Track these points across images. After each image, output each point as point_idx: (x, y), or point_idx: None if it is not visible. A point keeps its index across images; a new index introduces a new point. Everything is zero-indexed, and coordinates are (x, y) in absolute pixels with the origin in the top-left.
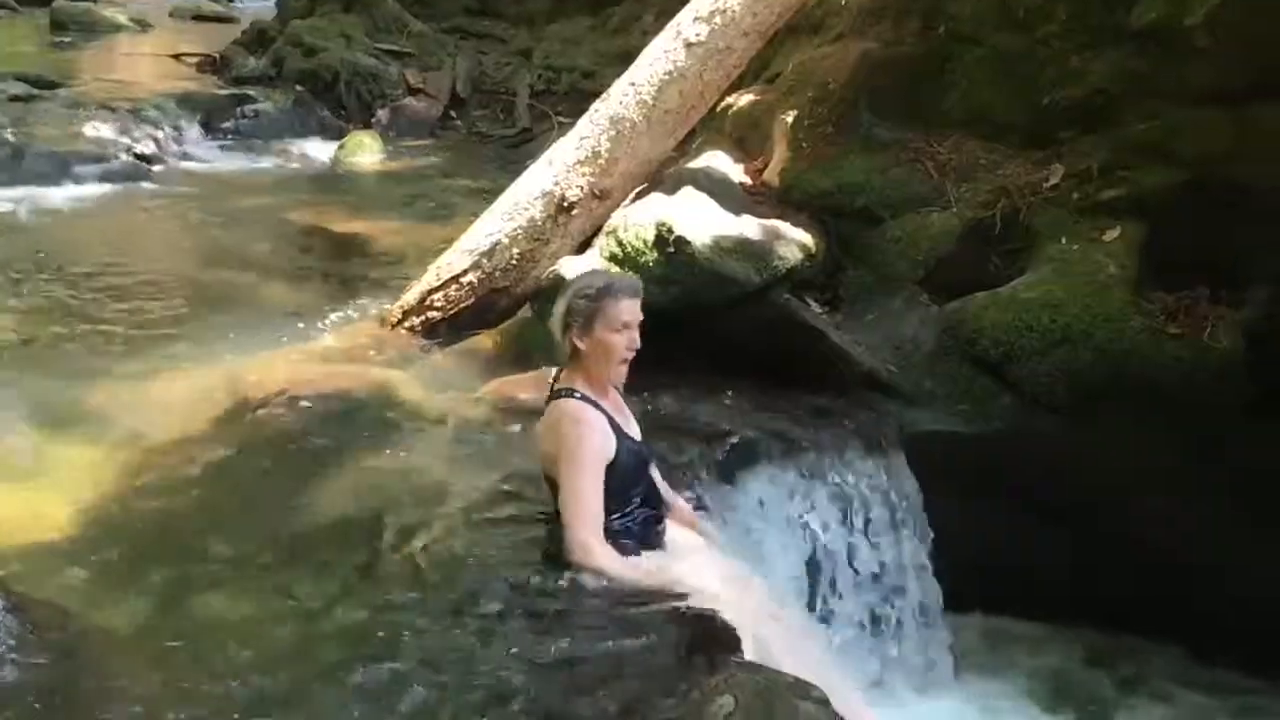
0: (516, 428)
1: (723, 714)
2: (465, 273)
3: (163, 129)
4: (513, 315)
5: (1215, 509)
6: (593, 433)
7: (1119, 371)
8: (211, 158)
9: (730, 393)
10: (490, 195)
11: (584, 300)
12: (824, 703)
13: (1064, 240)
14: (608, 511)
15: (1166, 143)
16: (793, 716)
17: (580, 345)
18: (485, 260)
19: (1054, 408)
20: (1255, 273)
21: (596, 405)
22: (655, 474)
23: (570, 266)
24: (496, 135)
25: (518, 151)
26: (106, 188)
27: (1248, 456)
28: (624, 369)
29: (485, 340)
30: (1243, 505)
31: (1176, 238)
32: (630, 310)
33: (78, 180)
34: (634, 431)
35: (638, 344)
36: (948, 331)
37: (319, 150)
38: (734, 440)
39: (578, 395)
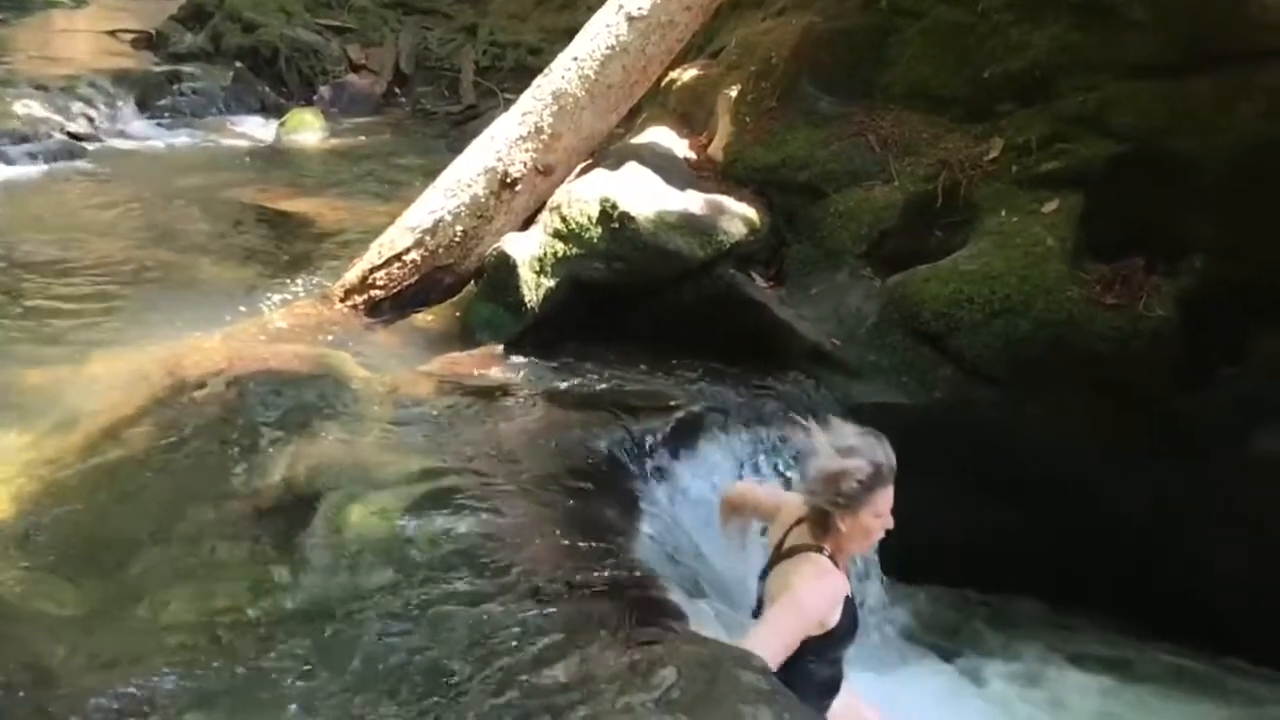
0: (461, 405)
1: (665, 685)
2: (408, 250)
3: (97, 107)
4: (457, 293)
5: (1152, 476)
6: (824, 600)
7: (1056, 341)
8: (148, 136)
9: (676, 367)
10: (435, 173)
11: (857, 485)
12: (765, 672)
13: (1003, 213)
14: (815, 664)
15: (1103, 115)
16: (734, 687)
17: (841, 526)
18: (428, 238)
19: (993, 378)
20: (1189, 243)
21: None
22: None
23: (514, 243)
24: (441, 112)
25: (463, 129)
26: (38, 167)
27: (1182, 423)
28: None
29: (429, 318)
30: (1178, 471)
31: (1113, 209)
32: (891, 497)
33: (8, 160)
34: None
35: (890, 525)
36: (890, 304)
37: (259, 128)
38: (680, 414)
39: (827, 553)
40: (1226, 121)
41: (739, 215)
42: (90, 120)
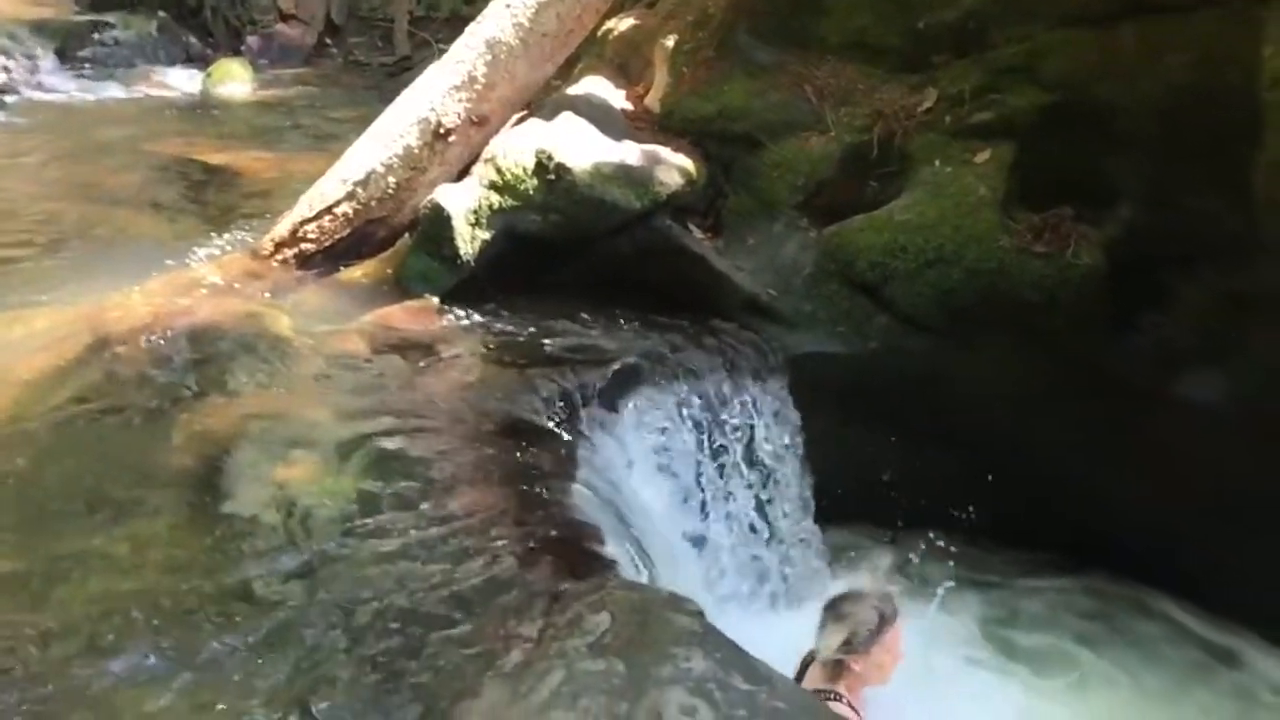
0: (395, 359)
1: (598, 631)
2: (339, 203)
3: (14, 58)
4: (391, 246)
5: (1080, 422)
6: None
7: (988, 290)
8: (68, 88)
9: (613, 319)
10: (367, 125)
11: (867, 634)
12: (698, 615)
13: (937, 163)
14: None
15: (1034, 65)
16: (666, 630)
17: (856, 668)
18: (360, 190)
19: (927, 327)
20: (1116, 192)
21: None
22: None
23: (448, 195)
24: (374, 64)
25: (396, 80)
26: None
27: (1109, 371)
28: None
29: (362, 272)
30: (1105, 417)
31: (1043, 159)
32: (899, 635)
33: None
34: None
35: (902, 660)
36: (826, 255)
37: (184, 80)
38: (617, 366)
39: (844, 700)
40: (1154, 71)
41: (676, 166)
42: (7, 72)
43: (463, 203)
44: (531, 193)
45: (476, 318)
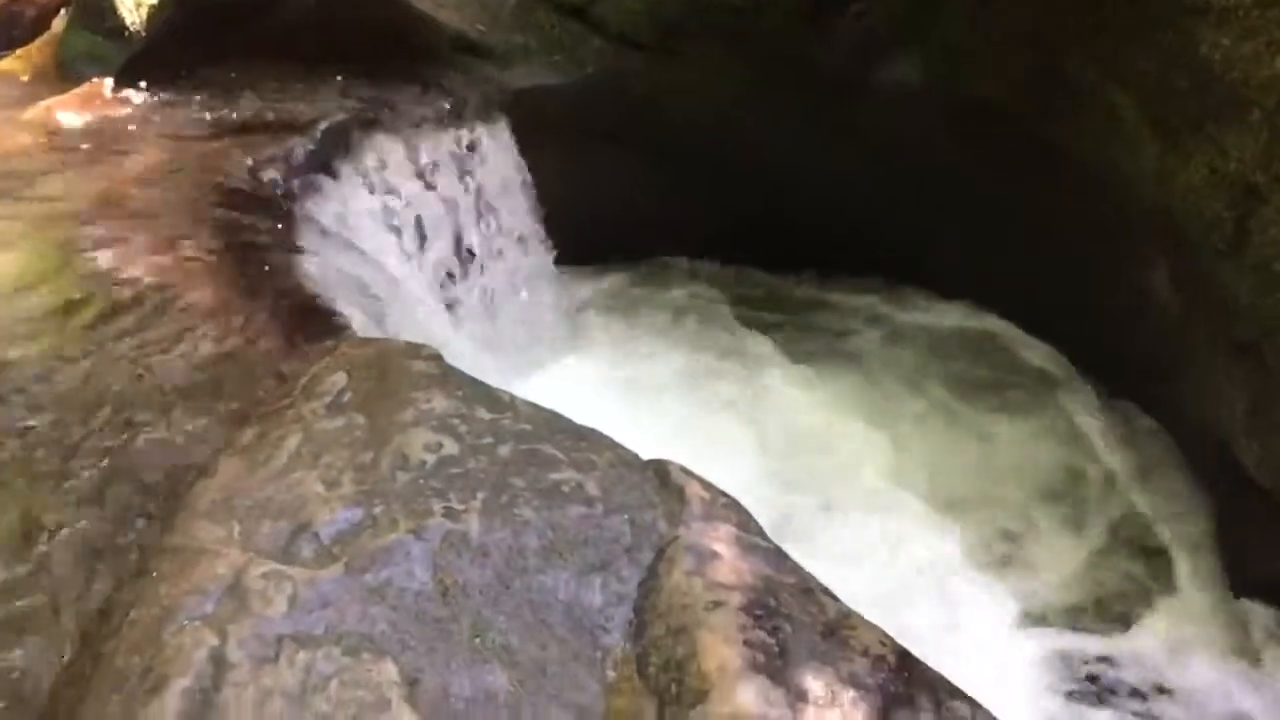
0: (74, 151)
1: (335, 389)
2: None
3: None
4: (47, 27)
5: (794, 121)
6: None
7: (694, 2)
8: None
9: (311, 78)
10: None
11: None
12: (435, 358)
13: None
14: None
15: None
16: (405, 377)
17: None
18: None
19: (640, 45)
20: None
21: None
22: None
23: None
24: None
25: None
26: None
27: (817, 66)
28: None
29: (19, 60)
30: (815, 111)
31: None
32: None
33: None
34: None
35: None
36: None
37: None
38: (324, 126)
39: None
40: None
41: None
42: None
43: None
44: None
45: (158, 95)
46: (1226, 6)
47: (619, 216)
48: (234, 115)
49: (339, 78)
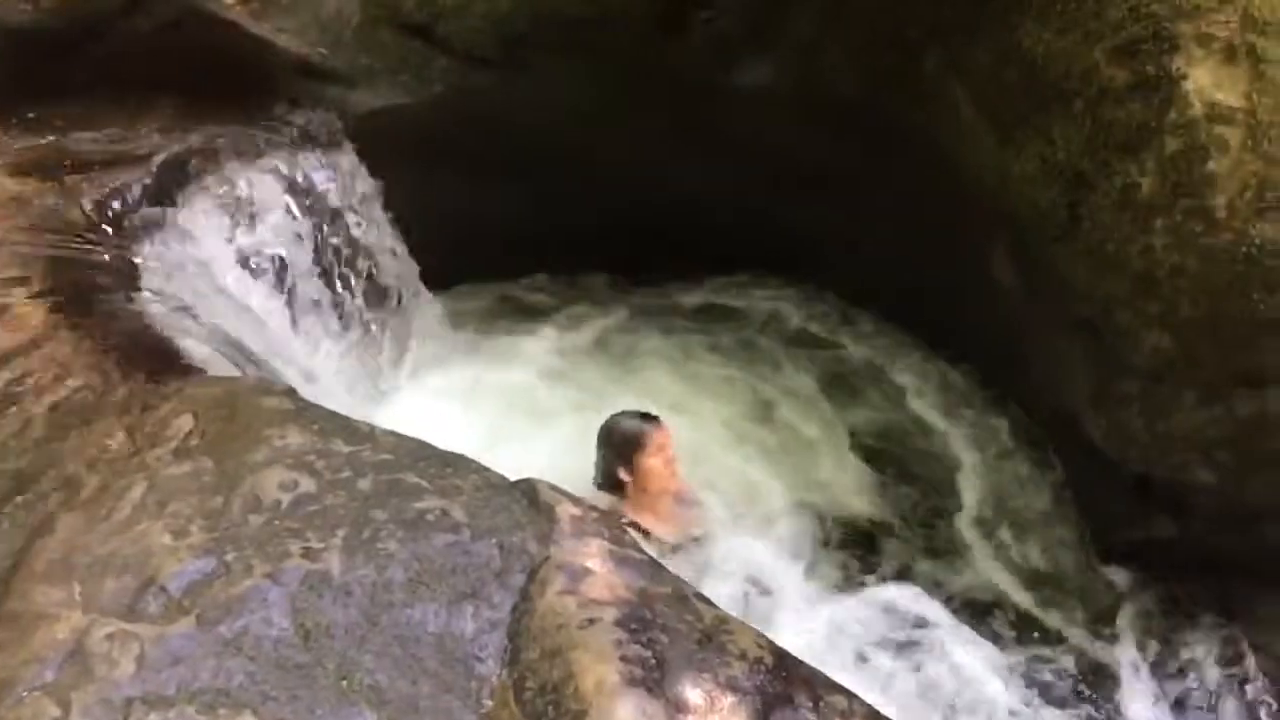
0: None
1: (182, 434)
2: None
3: None
4: None
5: (652, 129)
6: None
7: (539, 13)
8: None
9: (145, 110)
10: None
11: (622, 443)
12: (290, 394)
13: None
14: None
15: None
16: (257, 415)
17: (626, 478)
18: None
19: (486, 61)
20: None
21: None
22: None
23: None
24: None
25: None
26: None
27: (670, 73)
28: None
29: None
30: (673, 118)
31: None
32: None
33: None
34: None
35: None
36: (370, 1)
37: None
38: (161, 159)
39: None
40: None
41: None
42: None
43: None
44: None
45: None
46: (1045, 1)
47: (480, 237)
48: (59, 153)
49: (176, 107)
